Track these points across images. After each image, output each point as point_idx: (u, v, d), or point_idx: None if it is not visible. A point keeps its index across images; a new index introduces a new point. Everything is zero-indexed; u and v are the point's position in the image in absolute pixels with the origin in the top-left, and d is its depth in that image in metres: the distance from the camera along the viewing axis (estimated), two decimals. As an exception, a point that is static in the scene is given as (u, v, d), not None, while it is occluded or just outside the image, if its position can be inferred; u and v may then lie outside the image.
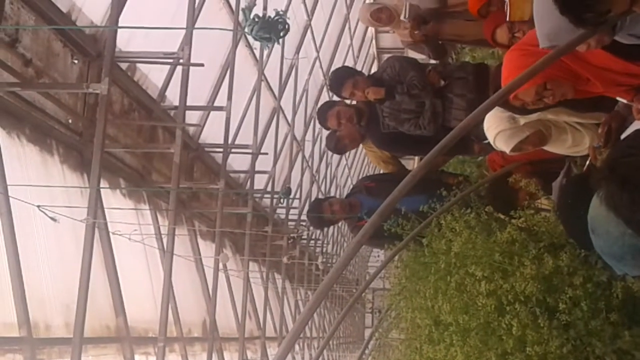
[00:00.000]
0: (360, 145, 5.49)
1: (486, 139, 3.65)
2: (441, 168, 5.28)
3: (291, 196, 8.46)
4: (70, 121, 4.83)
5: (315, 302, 2.33)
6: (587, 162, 3.28)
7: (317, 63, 10.45)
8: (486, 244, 3.31)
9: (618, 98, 2.90)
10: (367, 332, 16.53)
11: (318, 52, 10.32)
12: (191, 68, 5.34)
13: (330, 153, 11.39)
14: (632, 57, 2.50)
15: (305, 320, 2.37)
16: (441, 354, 3.53)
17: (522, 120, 3.34)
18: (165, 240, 5.28)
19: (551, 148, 3.48)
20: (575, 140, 3.40)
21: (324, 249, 11.63)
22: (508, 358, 3.02)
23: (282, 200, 7.99)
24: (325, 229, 11.46)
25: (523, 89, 2.70)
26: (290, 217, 9.18)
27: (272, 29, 3.31)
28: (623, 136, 2.84)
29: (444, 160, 5.14)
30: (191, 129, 6.81)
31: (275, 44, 3.38)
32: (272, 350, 8.40)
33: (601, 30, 2.17)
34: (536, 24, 2.39)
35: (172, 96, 6.07)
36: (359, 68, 12.40)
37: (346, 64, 11.68)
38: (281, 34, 3.37)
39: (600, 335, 2.85)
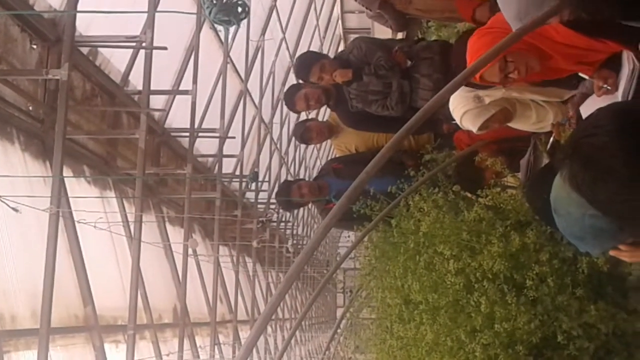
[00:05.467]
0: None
1: (454, 119, 3.66)
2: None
3: (259, 180, 8.42)
4: (30, 108, 4.71)
5: (286, 285, 2.33)
6: (551, 139, 3.32)
7: (284, 44, 10.37)
8: (454, 223, 3.33)
9: (581, 74, 2.93)
10: (339, 312, 16.65)
11: (284, 33, 10.23)
12: (155, 52, 5.24)
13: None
14: (596, 32, 2.51)
15: (276, 303, 2.36)
16: (411, 332, 3.56)
17: (487, 99, 3.35)
18: (132, 228, 5.21)
19: (516, 125, 3.50)
20: (539, 117, 3.43)
21: (294, 231, 11.63)
22: (477, 335, 3.05)
23: (250, 185, 7.96)
24: (295, 211, 11.46)
25: (486, 69, 2.71)
26: (259, 200, 9.15)
27: (231, 12, 3.26)
28: (585, 114, 2.87)
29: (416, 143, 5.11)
30: (156, 114, 6.72)
31: (239, 26, 3.32)
32: (244, 333, 8.40)
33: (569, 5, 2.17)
34: (502, 9, 2.40)
35: (136, 81, 5.96)
36: (325, 49, 12.36)
37: (312, 46, 11.62)
38: (241, 16, 3.32)
39: (566, 310, 2.89)
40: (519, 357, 2.94)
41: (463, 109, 3.36)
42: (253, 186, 8.21)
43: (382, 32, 7.73)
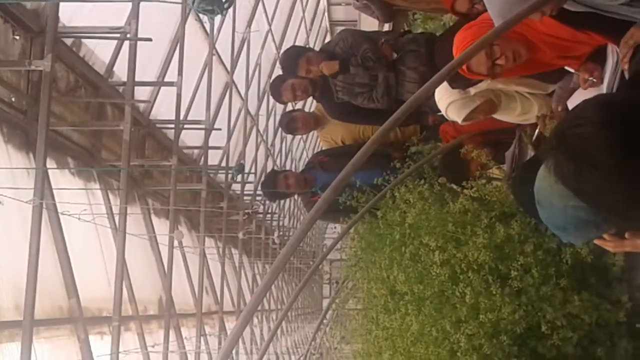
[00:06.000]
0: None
1: (440, 110, 3.67)
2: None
3: (245, 172, 8.41)
4: (13, 99, 4.66)
5: (272, 276, 2.33)
6: (536, 131, 3.34)
7: (270, 36, 10.33)
8: (439, 215, 3.35)
9: (567, 68, 2.95)
10: (325, 303, 16.68)
11: (270, 25, 10.19)
12: (140, 43, 5.20)
13: (284, 127, 11.32)
14: (579, 24, 2.53)
15: (262, 294, 2.36)
16: (397, 323, 3.57)
17: (473, 90, 3.36)
18: (117, 219, 5.18)
19: (501, 116, 3.52)
20: (524, 108, 3.45)
21: (281, 223, 11.63)
22: (462, 325, 3.07)
23: (235, 177, 7.94)
24: (282, 202, 11.45)
25: (474, 60, 2.72)
26: (245, 192, 9.13)
27: (214, 1, 3.23)
28: (571, 106, 2.89)
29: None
30: (141, 106, 6.67)
31: (223, 15, 3.30)
32: (231, 324, 8.40)
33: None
34: (487, 6, 2.41)
35: (120, 72, 5.91)
36: (311, 41, 12.34)
37: (298, 39, 11.59)
38: (224, 5, 3.29)
39: (550, 301, 2.92)
40: (503, 347, 2.97)
41: (448, 99, 3.37)
42: (239, 178, 8.19)
43: (369, 24, 7.73)
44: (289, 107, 6.07)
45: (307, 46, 10.07)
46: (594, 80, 2.66)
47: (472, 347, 3.01)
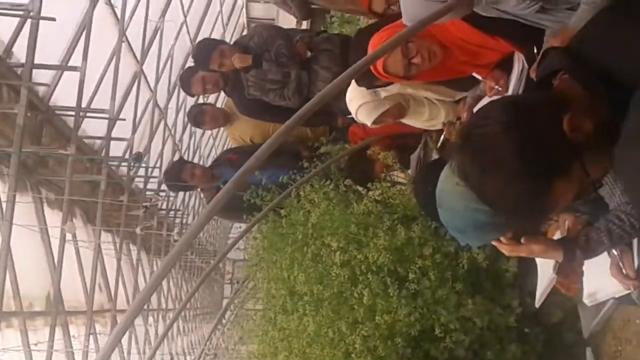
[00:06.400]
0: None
1: (350, 113, 3.66)
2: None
3: (150, 166, 8.13)
4: None
5: (162, 271, 2.22)
6: (442, 137, 3.39)
7: (184, 28, 10.07)
8: (343, 215, 3.33)
9: (476, 75, 3.00)
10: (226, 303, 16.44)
11: (185, 17, 9.93)
12: (44, 25, 4.91)
13: (194, 123, 11.06)
14: (489, 29, 2.57)
15: (151, 290, 2.23)
16: (294, 323, 3.53)
17: (383, 92, 3.37)
18: (4, 207, 4.86)
19: (409, 121, 3.55)
20: (431, 114, 3.49)
21: (184, 220, 11.35)
22: (358, 327, 3.06)
23: (133, 166, 7.65)
24: (186, 199, 11.18)
25: (390, 60, 2.71)
26: (149, 186, 8.84)
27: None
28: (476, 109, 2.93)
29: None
30: (41, 90, 6.30)
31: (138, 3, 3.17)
32: (125, 324, 8.09)
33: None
34: (402, 11, 2.42)
35: (21, 53, 5.56)
36: (227, 37, 12.14)
37: (214, 32, 11.38)
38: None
39: (445, 304, 2.95)
40: (398, 349, 2.98)
41: (359, 101, 3.37)
42: (141, 170, 7.90)
43: (287, 22, 7.66)
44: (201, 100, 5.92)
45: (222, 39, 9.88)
46: (499, 88, 2.71)
47: (367, 349, 3.00)
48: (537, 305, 2.46)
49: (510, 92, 2.66)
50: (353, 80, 3.20)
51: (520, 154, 1.33)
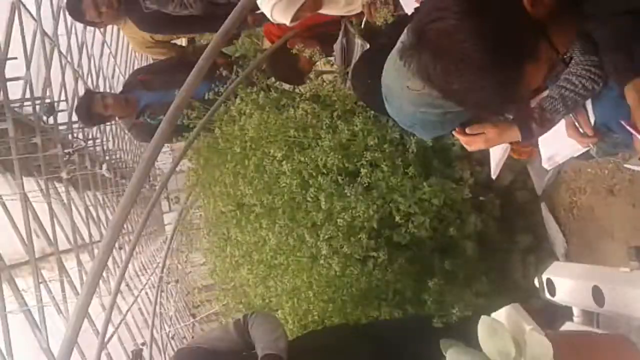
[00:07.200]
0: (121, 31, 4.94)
1: (258, 8, 3.44)
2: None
3: (55, 99, 7.65)
4: None
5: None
6: (363, 20, 3.24)
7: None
8: (280, 121, 3.21)
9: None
10: (166, 218, 16.32)
11: None
12: None
13: (89, 44, 10.41)
14: None
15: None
16: (250, 237, 3.48)
17: (295, -14, 3.16)
18: None
19: (326, 10, 3.37)
20: (347, 0, 3.32)
21: (105, 147, 10.93)
22: (319, 230, 3.03)
23: (47, 118, 7.20)
24: (100, 127, 10.72)
25: None
26: (60, 121, 8.37)
27: None
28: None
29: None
30: None
31: None
32: (70, 263, 7.90)
33: None
34: None
35: None
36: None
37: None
38: None
39: (401, 191, 2.94)
40: (362, 244, 2.98)
41: (271, 1, 3.15)
42: (51, 119, 7.44)
43: None
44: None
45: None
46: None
47: (332, 250, 2.99)
48: (493, 176, 2.47)
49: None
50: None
51: (484, 44, 1.24)
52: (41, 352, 5.85)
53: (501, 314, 1.42)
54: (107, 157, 10.75)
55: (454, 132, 1.85)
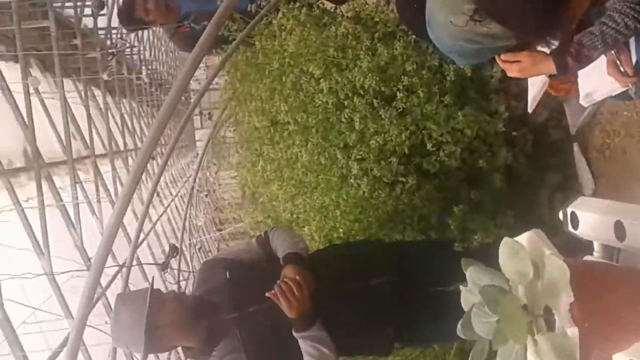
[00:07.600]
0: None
1: None
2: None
3: (106, 2, 7.64)
4: None
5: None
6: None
7: None
8: (319, 40, 3.21)
9: None
10: (197, 134, 16.49)
11: None
12: None
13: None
14: None
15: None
16: (283, 153, 3.55)
17: None
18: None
19: None
20: None
21: (142, 56, 10.98)
22: (351, 151, 3.08)
23: (96, 14, 7.20)
24: (139, 33, 10.72)
25: None
26: (100, 25, 8.40)
27: None
28: None
29: None
30: None
31: None
32: (104, 167, 8.11)
33: None
34: None
35: None
36: None
37: None
38: None
39: (435, 119, 2.96)
40: (392, 168, 3.03)
41: None
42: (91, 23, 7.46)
43: None
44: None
45: None
46: None
47: (362, 172, 3.05)
48: (529, 110, 2.48)
49: None
50: None
51: None
52: (75, 250, 6.10)
53: (523, 238, 1.48)
54: (143, 66, 10.81)
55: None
